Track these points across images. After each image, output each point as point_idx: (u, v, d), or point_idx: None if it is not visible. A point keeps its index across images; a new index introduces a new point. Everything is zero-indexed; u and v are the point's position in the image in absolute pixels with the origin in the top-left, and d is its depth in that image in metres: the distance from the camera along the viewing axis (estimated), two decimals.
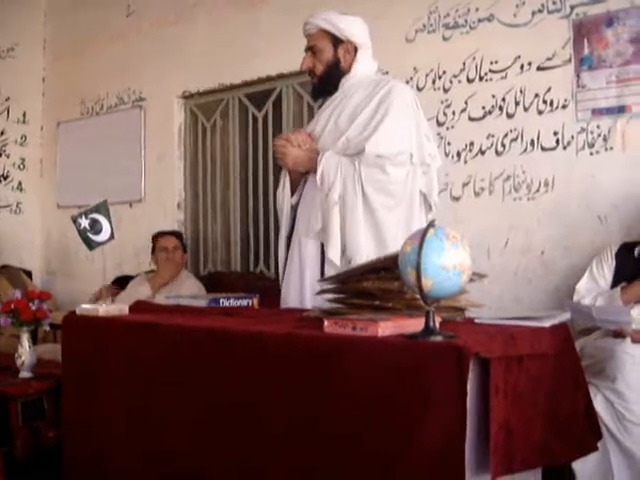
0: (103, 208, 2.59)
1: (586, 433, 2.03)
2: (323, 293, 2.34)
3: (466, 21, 3.81)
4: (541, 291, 3.56)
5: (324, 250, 2.73)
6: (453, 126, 3.86)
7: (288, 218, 2.94)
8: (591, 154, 3.44)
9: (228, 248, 5.02)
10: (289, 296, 2.85)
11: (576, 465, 2.63)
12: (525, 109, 3.63)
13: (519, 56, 3.64)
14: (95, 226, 2.56)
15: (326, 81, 2.89)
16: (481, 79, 3.77)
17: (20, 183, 5.97)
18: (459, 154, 3.82)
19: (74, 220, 2.57)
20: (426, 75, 3.95)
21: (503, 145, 3.69)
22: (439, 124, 3.85)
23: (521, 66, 3.64)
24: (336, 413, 1.82)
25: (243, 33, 4.71)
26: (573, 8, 3.49)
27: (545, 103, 3.57)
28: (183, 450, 2.17)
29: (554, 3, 3.54)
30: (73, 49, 5.80)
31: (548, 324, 1.95)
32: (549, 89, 3.55)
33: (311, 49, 2.88)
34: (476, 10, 3.78)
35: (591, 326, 3.01)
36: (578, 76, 3.47)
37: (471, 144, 3.79)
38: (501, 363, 1.70)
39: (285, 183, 2.93)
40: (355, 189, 2.68)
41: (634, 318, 2.88)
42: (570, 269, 3.44)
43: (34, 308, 3.33)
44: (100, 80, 5.55)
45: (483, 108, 3.76)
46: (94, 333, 2.49)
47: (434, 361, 1.66)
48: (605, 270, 3.12)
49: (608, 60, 3.39)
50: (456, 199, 3.83)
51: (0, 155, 5.86)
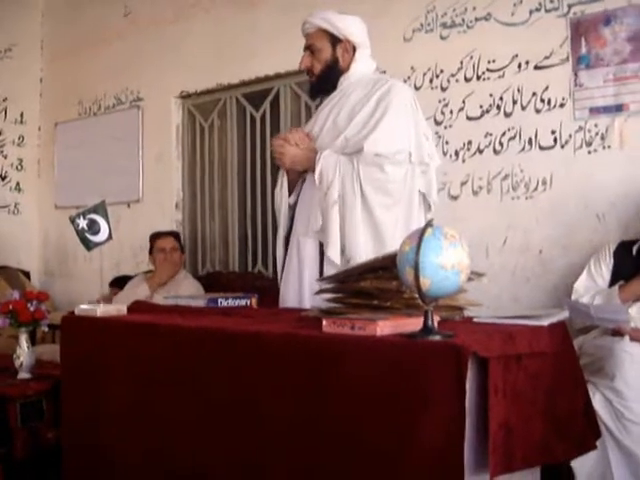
0: (101, 208, 2.59)
1: (585, 432, 2.03)
2: (322, 293, 2.34)
3: (463, 20, 3.81)
4: (539, 290, 3.56)
5: (323, 250, 2.73)
6: (451, 125, 3.86)
7: (286, 218, 2.93)
8: (589, 153, 3.44)
9: (226, 248, 5.02)
10: (288, 296, 2.85)
11: (575, 464, 2.63)
12: (523, 108, 3.63)
13: (516, 55, 3.64)
14: (93, 226, 2.56)
15: (324, 80, 2.89)
16: (479, 78, 3.77)
17: (18, 184, 5.97)
18: (457, 153, 3.83)
19: (72, 220, 2.57)
20: (424, 74, 3.95)
21: (501, 144, 3.70)
22: (437, 123, 3.85)
23: (519, 65, 3.64)
24: (335, 412, 1.82)
25: (241, 33, 4.71)
26: (570, 7, 3.49)
27: (543, 102, 3.57)
28: (182, 450, 2.17)
29: (551, 2, 3.54)
30: (70, 49, 5.80)
31: (546, 323, 1.95)
32: (547, 88, 3.56)
33: (309, 48, 2.88)
34: (473, 9, 3.78)
35: (589, 325, 3.01)
36: (576, 75, 3.47)
37: (469, 143, 3.79)
38: (500, 362, 1.70)
39: (283, 183, 2.93)
40: (354, 188, 2.67)
41: (632, 316, 2.89)
42: (568, 268, 3.44)
43: (32, 309, 3.33)
44: (98, 80, 5.55)
45: (481, 107, 3.76)
46: (93, 333, 2.49)
47: (433, 360, 1.66)
48: (603, 269, 3.12)
49: (606, 59, 3.39)
50: (454, 198, 3.83)
51: None
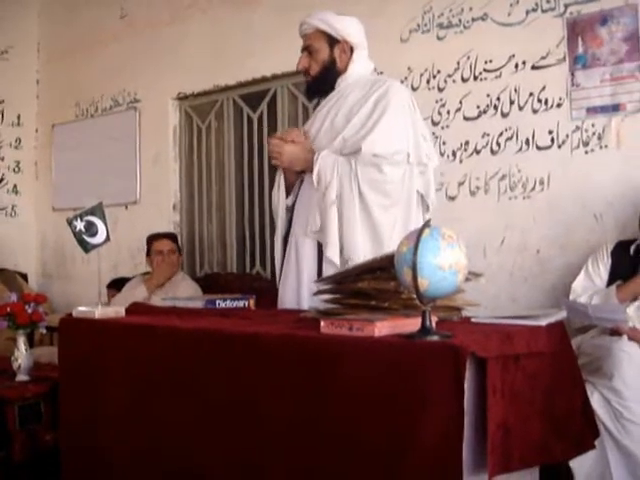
0: (98, 210, 2.58)
1: (584, 431, 2.03)
2: (320, 294, 2.34)
3: (460, 20, 3.82)
4: (537, 290, 3.56)
5: (321, 250, 2.73)
6: (448, 125, 3.86)
7: (284, 219, 2.92)
8: (586, 152, 3.45)
9: (224, 249, 5.02)
10: (286, 297, 2.84)
11: (574, 463, 2.64)
12: (520, 108, 3.63)
13: (513, 55, 3.65)
14: (90, 228, 2.56)
15: (321, 81, 2.88)
16: (475, 78, 3.77)
17: (15, 186, 5.97)
18: (454, 153, 3.83)
19: (69, 222, 2.56)
20: (420, 75, 3.95)
21: (498, 144, 3.70)
22: (434, 124, 3.86)
23: (515, 65, 3.64)
24: (334, 413, 1.82)
25: (237, 34, 4.71)
26: (567, 7, 3.49)
27: (540, 102, 3.57)
28: (181, 451, 2.16)
29: (548, 2, 3.54)
30: (67, 51, 5.80)
31: (544, 323, 1.95)
32: (543, 88, 3.56)
33: (307, 49, 2.87)
34: (470, 9, 3.79)
35: (588, 324, 3.01)
36: (572, 75, 3.47)
37: (466, 143, 3.80)
38: (498, 362, 1.70)
39: (280, 184, 2.92)
40: (352, 188, 2.66)
41: (630, 316, 2.89)
42: (566, 268, 3.44)
43: (30, 311, 3.33)
44: (95, 82, 5.55)
45: (478, 107, 3.76)
46: (91, 335, 2.49)
47: (431, 361, 1.66)
48: (601, 268, 3.13)
49: (602, 58, 3.40)
50: (452, 198, 3.83)
51: None
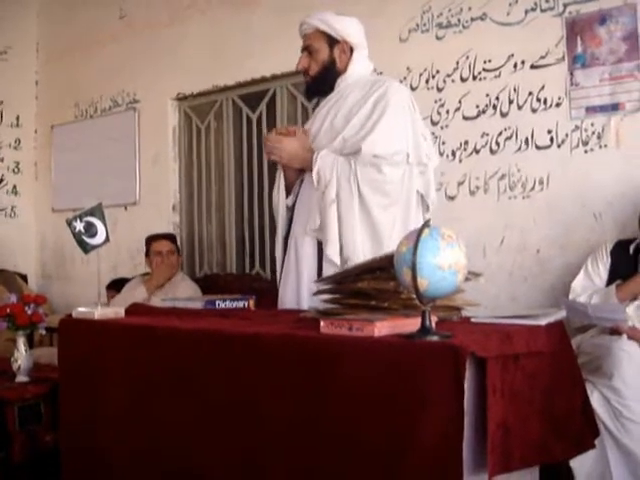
0: (98, 211, 2.58)
1: (583, 431, 2.03)
2: (319, 294, 2.33)
3: (459, 20, 3.82)
4: (537, 289, 3.56)
5: (321, 250, 2.72)
6: (447, 125, 3.86)
7: (284, 218, 2.92)
8: (585, 152, 3.45)
9: (224, 250, 5.02)
10: (286, 297, 2.84)
11: (574, 463, 2.64)
12: (519, 107, 3.63)
13: (512, 55, 3.65)
14: (90, 229, 2.55)
15: (320, 81, 2.88)
16: (475, 78, 3.78)
17: (15, 187, 5.97)
18: (454, 153, 3.83)
19: (69, 223, 2.56)
20: (420, 75, 3.95)
21: (497, 144, 3.70)
22: (433, 123, 3.86)
23: (514, 65, 3.65)
24: (334, 413, 1.82)
25: (236, 34, 4.71)
26: (566, 6, 3.49)
27: (539, 101, 3.57)
28: (180, 451, 2.16)
29: (547, 1, 3.54)
30: (66, 52, 5.80)
31: (544, 322, 1.95)
32: (543, 87, 3.56)
33: (307, 49, 2.87)
34: (469, 9, 3.79)
35: (587, 324, 3.01)
36: (572, 74, 3.48)
37: (465, 143, 3.80)
38: (497, 362, 1.70)
39: (280, 183, 2.92)
40: (351, 188, 2.66)
41: (629, 315, 2.89)
42: (566, 267, 3.44)
43: (30, 312, 3.33)
44: (94, 83, 5.55)
45: (477, 107, 3.76)
46: (90, 336, 2.48)
47: (431, 361, 1.65)
48: (600, 268, 3.13)
49: (601, 58, 3.40)
50: (451, 198, 3.83)
51: None
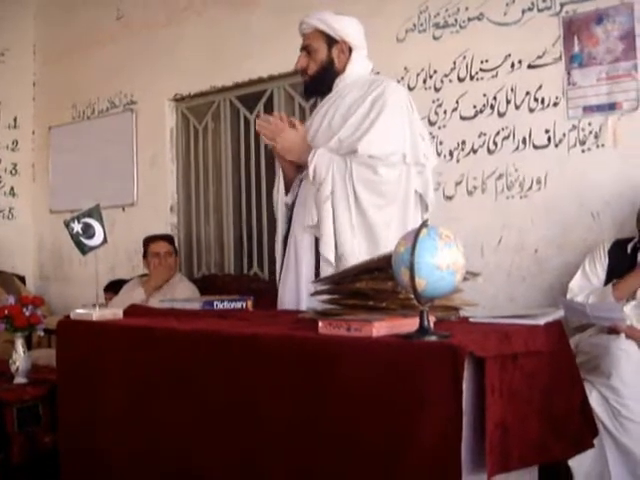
0: (96, 212, 2.58)
1: (582, 430, 2.03)
2: (317, 294, 2.33)
3: (456, 20, 3.82)
4: (535, 289, 3.57)
5: (319, 249, 2.73)
6: (445, 125, 3.86)
7: (284, 217, 2.92)
8: (583, 151, 3.45)
9: (222, 250, 5.02)
10: (285, 296, 2.84)
11: (572, 462, 2.64)
12: (516, 107, 3.63)
13: (509, 54, 3.65)
14: (88, 230, 2.55)
15: (318, 81, 2.87)
16: (472, 78, 3.78)
17: (12, 188, 5.97)
18: (451, 153, 3.83)
19: (67, 225, 2.55)
20: (417, 75, 3.96)
21: (495, 143, 3.70)
22: (431, 123, 3.86)
23: (512, 64, 3.65)
24: (333, 414, 1.82)
25: (234, 35, 4.71)
26: (563, 6, 3.50)
27: (536, 101, 3.58)
28: (179, 452, 2.16)
29: (544, 1, 3.55)
30: (63, 53, 5.80)
31: (542, 322, 1.95)
32: (540, 87, 3.56)
33: (306, 49, 2.86)
34: (466, 9, 3.79)
35: (585, 323, 3.01)
36: (569, 74, 3.48)
37: (463, 143, 3.80)
38: (496, 362, 1.70)
39: (279, 182, 2.92)
40: (346, 187, 2.66)
41: (627, 314, 2.90)
42: (564, 267, 3.44)
43: (28, 313, 3.32)
44: (91, 84, 5.55)
45: (474, 107, 3.77)
46: (89, 338, 2.48)
47: (429, 361, 1.65)
48: (598, 268, 3.13)
49: (598, 57, 3.40)
50: (449, 198, 3.83)
51: None
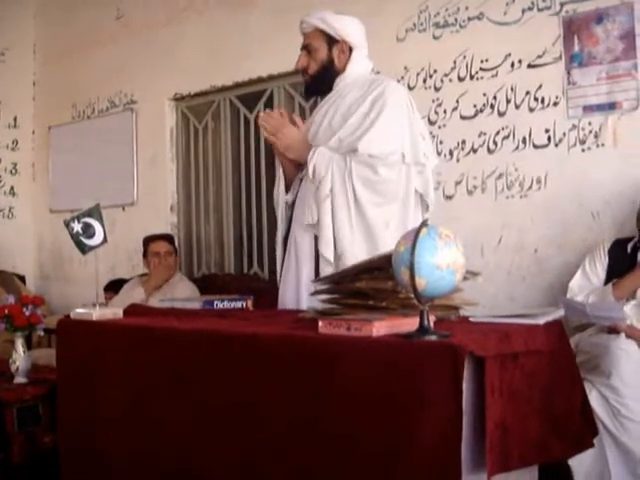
0: (96, 212, 2.58)
1: (582, 429, 2.03)
2: (317, 294, 2.33)
3: (456, 20, 3.82)
4: (535, 289, 3.56)
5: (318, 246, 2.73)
6: (445, 125, 3.86)
7: (284, 216, 2.93)
8: (583, 151, 3.45)
9: (222, 250, 5.02)
10: (286, 296, 2.84)
11: (572, 462, 2.64)
12: (516, 107, 3.63)
13: (509, 54, 3.65)
14: (88, 230, 2.55)
15: (319, 80, 2.87)
16: (472, 77, 3.78)
17: (12, 188, 5.97)
18: (451, 153, 3.83)
19: (67, 224, 2.55)
20: (417, 74, 3.95)
21: (495, 143, 3.70)
22: (431, 123, 3.85)
23: (512, 64, 3.65)
24: (333, 413, 1.82)
25: (234, 35, 4.70)
26: (563, 5, 3.50)
27: (536, 100, 3.58)
28: (179, 452, 2.16)
29: (544, 1, 3.54)
30: (63, 53, 5.79)
31: (542, 321, 1.95)
32: (540, 86, 3.56)
33: (306, 48, 2.86)
34: (466, 9, 3.79)
35: (585, 322, 3.01)
36: (569, 73, 3.48)
37: (463, 142, 3.80)
38: (496, 361, 1.70)
39: (280, 180, 2.92)
40: (345, 185, 2.66)
41: (627, 314, 2.90)
42: (564, 266, 3.44)
43: (28, 313, 3.32)
44: (91, 83, 5.55)
45: (474, 106, 3.76)
46: (89, 337, 2.48)
47: (429, 360, 1.65)
48: (598, 267, 3.12)
49: (598, 57, 3.40)
50: (449, 198, 3.83)
51: None
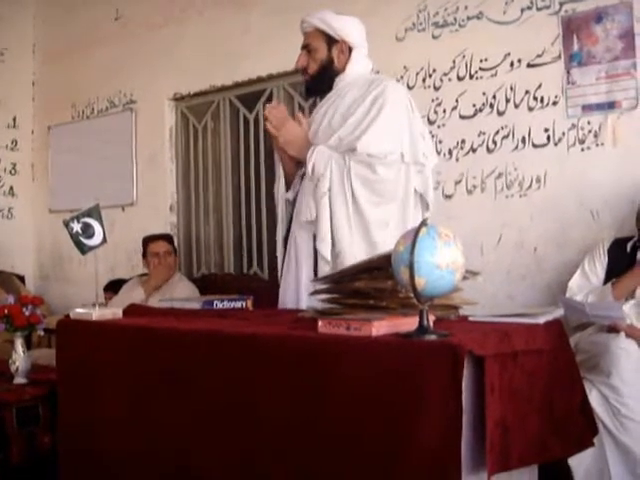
0: (95, 212, 2.58)
1: (582, 429, 2.03)
2: (316, 293, 2.33)
3: (455, 19, 3.82)
4: (534, 288, 3.56)
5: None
6: (444, 124, 3.86)
7: (285, 214, 2.92)
8: (582, 150, 3.45)
9: (221, 250, 5.02)
10: (286, 295, 2.84)
11: (572, 461, 2.63)
12: (516, 106, 3.63)
13: (509, 53, 3.65)
14: (87, 230, 2.55)
15: (318, 80, 2.87)
16: (471, 77, 3.77)
17: (12, 188, 5.96)
18: (451, 152, 3.83)
19: (66, 224, 2.55)
20: (416, 74, 3.95)
21: (494, 142, 3.70)
22: (430, 122, 3.85)
23: (511, 63, 3.64)
24: (332, 413, 1.82)
25: (233, 35, 4.70)
26: (562, 5, 3.49)
27: (535, 100, 3.57)
28: (179, 453, 2.16)
29: (543, 0, 3.54)
30: (63, 53, 5.79)
31: (542, 320, 1.95)
32: (539, 86, 3.56)
33: (306, 48, 2.86)
34: (465, 8, 3.79)
35: (585, 322, 3.01)
36: (568, 72, 3.48)
37: (462, 142, 3.80)
38: (496, 360, 1.70)
39: (280, 178, 2.92)
40: (344, 184, 2.66)
41: (627, 313, 2.89)
42: (563, 265, 3.44)
43: (28, 313, 3.32)
44: (90, 83, 5.54)
45: (474, 106, 3.76)
46: (89, 337, 2.48)
47: (429, 360, 1.65)
48: (597, 267, 3.12)
49: (597, 56, 3.40)
50: (448, 197, 3.83)
51: None
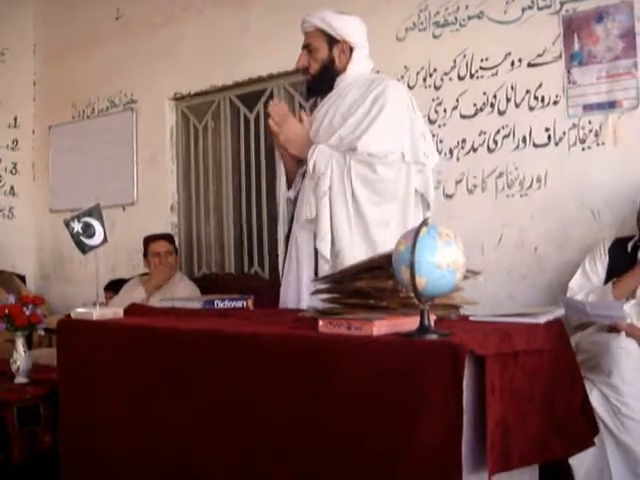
0: (96, 212, 2.58)
1: (583, 428, 2.03)
2: (317, 293, 2.33)
3: (456, 19, 3.82)
4: (535, 287, 3.56)
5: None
6: (445, 124, 3.86)
7: (286, 213, 2.92)
8: (583, 150, 3.45)
9: (222, 250, 5.02)
10: (288, 295, 2.83)
11: (573, 460, 2.63)
12: (516, 106, 3.63)
13: (509, 53, 3.65)
14: (88, 230, 2.55)
15: (319, 80, 2.87)
16: (472, 76, 3.77)
17: (12, 188, 5.96)
18: (451, 151, 3.83)
19: (67, 224, 2.55)
20: (417, 73, 3.95)
21: (495, 142, 3.70)
22: (431, 122, 3.85)
23: (512, 63, 3.64)
24: (333, 413, 1.82)
25: (233, 34, 4.70)
26: (563, 4, 3.49)
27: (536, 99, 3.58)
28: (180, 452, 2.16)
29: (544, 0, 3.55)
30: (63, 53, 5.79)
31: (543, 320, 1.95)
32: (540, 85, 3.56)
33: (307, 47, 2.86)
34: (466, 8, 3.79)
35: (586, 321, 3.01)
36: (569, 72, 3.48)
37: (463, 141, 3.80)
38: (496, 360, 1.70)
39: (281, 176, 2.92)
40: (344, 183, 2.66)
41: (627, 313, 2.89)
42: (564, 265, 3.44)
43: (28, 313, 3.31)
44: (91, 83, 5.54)
45: (474, 105, 3.76)
46: (89, 337, 2.48)
47: (429, 359, 1.65)
48: (598, 266, 3.12)
49: (598, 56, 3.40)
50: (449, 197, 3.83)
51: None
